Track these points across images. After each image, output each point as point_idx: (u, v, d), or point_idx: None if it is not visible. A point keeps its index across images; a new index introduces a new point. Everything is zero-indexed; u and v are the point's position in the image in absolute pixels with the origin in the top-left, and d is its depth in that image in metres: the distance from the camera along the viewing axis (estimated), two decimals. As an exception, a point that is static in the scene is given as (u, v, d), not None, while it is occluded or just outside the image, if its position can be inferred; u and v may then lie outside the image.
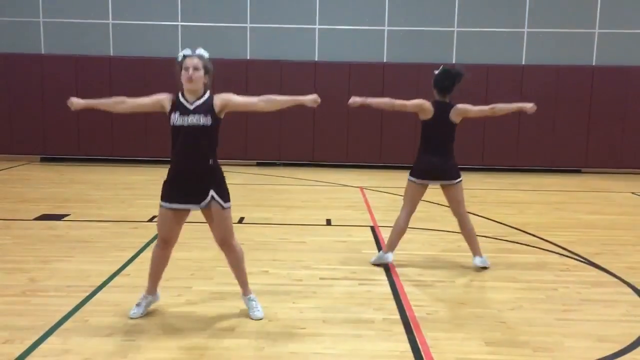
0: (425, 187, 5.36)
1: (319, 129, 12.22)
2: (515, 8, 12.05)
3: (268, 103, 3.98)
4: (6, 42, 12.05)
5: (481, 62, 11.85)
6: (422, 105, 5.21)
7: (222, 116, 3.96)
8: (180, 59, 3.91)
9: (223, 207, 3.98)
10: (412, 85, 11.71)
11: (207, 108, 3.88)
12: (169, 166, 4.03)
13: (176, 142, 3.91)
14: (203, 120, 3.84)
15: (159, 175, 12.65)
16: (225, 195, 4.00)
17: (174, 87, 3.99)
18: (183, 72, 3.86)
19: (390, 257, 5.42)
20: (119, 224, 6.93)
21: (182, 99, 3.92)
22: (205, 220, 4.12)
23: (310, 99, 3.87)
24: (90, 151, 12.30)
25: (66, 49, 12.04)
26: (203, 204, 3.94)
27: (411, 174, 5.36)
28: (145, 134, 12.12)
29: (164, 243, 4.11)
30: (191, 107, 3.87)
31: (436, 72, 5.24)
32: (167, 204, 3.97)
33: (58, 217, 7.17)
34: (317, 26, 12.12)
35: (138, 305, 4.18)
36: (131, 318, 4.10)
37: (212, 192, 3.93)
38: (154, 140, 12.09)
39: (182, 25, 12.02)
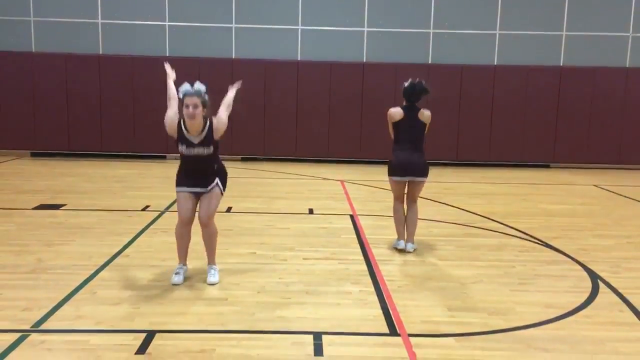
0: (405, 180, 5.94)
1: (301, 126, 12.74)
2: (487, 11, 12.69)
3: (228, 108, 4.91)
4: (-2, 40, 12.44)
5: (455, 62, 12.46)
6: (391, 115, 5.86)
7: (219, 139, 4.75)
8: (181, 96, 4.60)
9: (221, 192, 4.93)
10: (390, 83, 12.32)
11: (208, 141, 4.69)
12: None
13: (185, 160, 4.78)
14: (207, 151, 4.71)
15: (147, 169, 13.03)
16: (225, 186, 4.98)
17: (159, 84, 4.56)
18: (184, 108, 4.58)
19: (401, 243, 5.97)
20: (114, 213, 7.38)
21: (186, 134, 4.65)
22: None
23: (234, 88, 5.07)
24: (80, 146, 12.67)
25: (56, 47, 12.41)
26: (210, 187, 4.82)
27: (390, 174, 5.93)
28: (134, 130, 12.55)
29: (184, 220, 4.87)
30: (196, 142, 4.67)
31: (405, 84, 5.83)
32: (182, 189, 4.84)
33: (56, 207, 7.60)
34: (299, 27, 12.63)
35: (177, 273, 4.90)
36: (174, 284, 4.77)
37: (217, 180, 4.87)
38: (141, 137, 12.53)
39: (169, 25, 12.43)
